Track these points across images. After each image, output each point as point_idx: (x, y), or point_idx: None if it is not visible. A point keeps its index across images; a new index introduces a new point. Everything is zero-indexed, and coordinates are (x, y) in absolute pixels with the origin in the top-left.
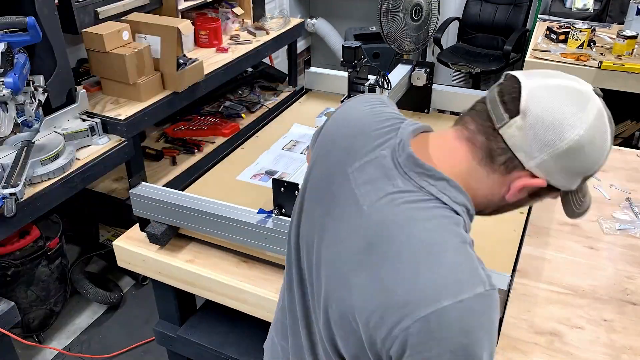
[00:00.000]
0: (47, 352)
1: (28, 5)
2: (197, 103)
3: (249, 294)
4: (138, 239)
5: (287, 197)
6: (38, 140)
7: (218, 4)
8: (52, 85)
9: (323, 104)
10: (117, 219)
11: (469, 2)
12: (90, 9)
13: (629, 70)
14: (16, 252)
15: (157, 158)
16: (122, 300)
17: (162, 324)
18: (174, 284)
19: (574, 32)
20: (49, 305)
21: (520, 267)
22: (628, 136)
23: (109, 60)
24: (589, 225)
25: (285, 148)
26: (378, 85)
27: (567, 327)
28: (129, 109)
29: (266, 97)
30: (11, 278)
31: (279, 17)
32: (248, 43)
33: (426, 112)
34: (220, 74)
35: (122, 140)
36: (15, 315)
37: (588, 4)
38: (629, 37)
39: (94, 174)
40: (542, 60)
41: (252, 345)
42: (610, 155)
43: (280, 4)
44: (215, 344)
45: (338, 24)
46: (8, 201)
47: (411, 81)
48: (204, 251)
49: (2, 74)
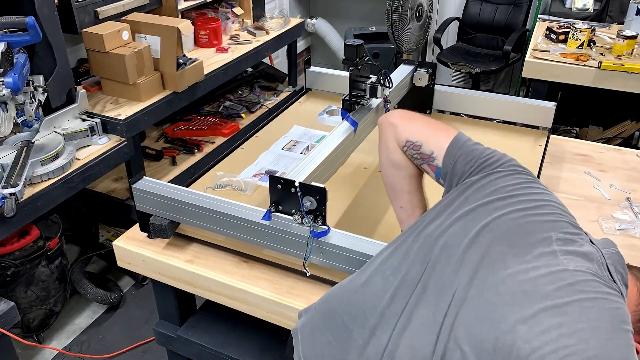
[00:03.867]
0: (46, 352)
1: (28, 5)
2: (197, 103)
3: (249, 294)
4: (138, 239)
5: (284, 194)
6: (38, 140)
7: (218, 4)
8: (52, 85)
9: (323, 103)
10: (117, 219)
11: (469, 2)
12: (90, 9)
13: (629, 70)
14: (16, 252)
15: (157, 158)
16: (122, 300)
17: (162, 324)
18: (173, 284)
19: (573, 32)
20: (48, 305)
21: None
22: (628, 136)
23: (108, 60)
24: (588, 225)
25: (285, 148)
26: (379, 84)
27: None
28: (128, 109)
29: (266, 97)
30: (11, 278)
31: (279, 17)
32: (248, 43)
33: (428, 113)
34: (220, 74)
35: (122, 140)
36: (15, 315)
37: (588, 4)
38: (628, 37)
39: (94, 174)
40: (542, 60)
41: (252, 345)
42: (610, 155)
43: (280, 4)
44: (215, 344)
45: (338, 24)
46: (8, 201)
47: (413, 81)
48: (204, 251)
49: (2, 74)
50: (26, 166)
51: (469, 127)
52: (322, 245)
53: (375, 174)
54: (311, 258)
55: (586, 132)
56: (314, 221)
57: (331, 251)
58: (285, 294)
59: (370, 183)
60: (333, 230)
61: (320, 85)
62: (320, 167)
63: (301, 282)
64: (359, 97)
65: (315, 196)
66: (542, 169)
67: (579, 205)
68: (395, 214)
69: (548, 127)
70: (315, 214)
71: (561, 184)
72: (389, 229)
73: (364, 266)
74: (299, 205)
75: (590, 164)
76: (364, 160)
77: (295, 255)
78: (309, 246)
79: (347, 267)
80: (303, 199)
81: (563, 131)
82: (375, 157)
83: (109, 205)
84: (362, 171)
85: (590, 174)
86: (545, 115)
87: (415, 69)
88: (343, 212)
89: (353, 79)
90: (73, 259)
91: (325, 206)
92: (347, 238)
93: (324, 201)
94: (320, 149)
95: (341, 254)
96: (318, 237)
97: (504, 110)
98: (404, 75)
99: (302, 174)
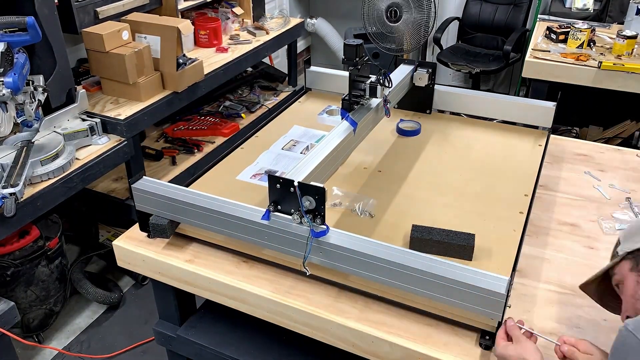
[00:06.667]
0: (46, 352)
1: (28, 5)
2: (197, 103)
3: (249, 294)
4: (138, 238)
5: (283, 193)
6: (38, 140)
7: (218, 3)
8: (52, 85)
9: (323, 103)
10: (116, 219)
11: (469, 2)
12: (90, 9)
13: (629, 70)
14: (16, 252)
15: (157, 158)
16: (121, 300)
17: (161, 323)
18: (173, 283)
19: (573, 32)
20: (48, 305)
21: (520, 267)
22: (628, 136)
23: (108, 60)
24: (588, 225)
25: (285, 148)
26: (379, 84)
27: (567, 327)
28: (128, 109)
29: (266, 97)
30: (11, 278)
31: (279, 17)
32: (248, 43)
33: (428, 113)
34: (220, 74)
35: (121, 140)
36: (14, 315)
37: (588, 4)
38: (628, 37)
39: (94, 174)
40: (542, 60)
41: (252, 345)
42: (610, 155)
43: (280, 4)
44: (215, 344)
45: (338, 24)
46: (8, 201)
47: (413, 81)
48: (203, 251)
49: (2, 74)
50: (26, 166)
51: (469, 127)
52: (321, 244)
53: (375, 173)
54: (311, 257)
55: (586, 132)
56: (313, 221)
57: (331, 251)
58: (285, 293)
59: (370, 183)
60: (332, 230)
61: (320, 85)
62: (319, 167)
63: (301, 282)
64: (358, 97)
65: (314, 196)
66: (542, 168)
67: (579, 205)
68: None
69: (548, 127)
70: (314, 213)
71: (561, 183)
72: (389, 229)
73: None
74: (298, 205)
75: (590, 164)
76: (364, 160)
77: (295, 254)
78: (308, 245)
79: (346, 266)
80: (302, 198)
81: (563, 131)
82: (374, 157)
83: (109, 205)
84: (362, 171)
85: (590, 174)
86: (545, 115)
87: (415, 68)
88: (342, 211)
89: (353, 79)
90: (73, 259)
91: (324, 206)
92: (346, 237)
93: (323, 201)
94: (320, 148)
95: (341, 254)
96: (317, 237)
97: (504, 110)
98: (404, 75)
99: (301, 174)
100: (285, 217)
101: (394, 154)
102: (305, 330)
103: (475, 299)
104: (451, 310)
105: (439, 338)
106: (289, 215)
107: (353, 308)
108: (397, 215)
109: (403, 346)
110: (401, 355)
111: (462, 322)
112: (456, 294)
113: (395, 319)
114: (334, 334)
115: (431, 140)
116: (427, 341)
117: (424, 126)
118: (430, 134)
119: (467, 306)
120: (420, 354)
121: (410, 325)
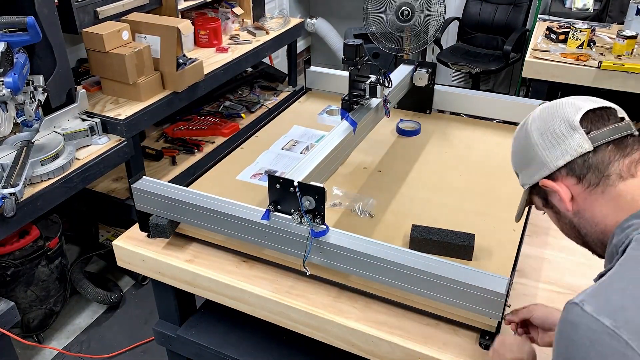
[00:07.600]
0: (46, 352)
1: (28, 5)
2: (197, 103)
3: (249, 294)
4: (138, 238)
5: (283, 193)
6: (38, 140)
7: (218, 3)
8: (52, 85)
9: (323, 103)
10: (116, 219)
11: (469, 2)
12: (90, 9)
13: (629, 70)
14: (16, 252)
15: (157, 158)
16: (121, 300)
17: (161, 323)
18: (173, 283)
19: (573, 32)
20: (48, 305)
21: (519, 267)
22: None
23: (108, 60)
24: None
25: (285, 148)
26: (379, 84)
27: None
28: (128, 109)
29: (266, 97)
30: (11, 278)
31: (279, 17)
32: (248, 43)
33: (428, 113)
34: (220, 74)
35: (121, 140)
36: (14, 315)
37: (588, 4)
38: (628, 37)
39: (94, 174)
40: (542, 60)
41: (252, 345)
42: None
43: (280, 4)
44: (215, 344)
45: (338, 24)
46: (8, 201)
47: (413, 81)
48: (203, 251)
49: (2, 74)
50: (26, 166)
51: (469, 127)
52: (321, 244)
53: (375, 173)
54: (311, 257)
55: None
56: (313, 220)
57: (331, 251)
58: (285, 293)
59: (370, 183)
60: (332, 230)
61: (320, 85)
62: (319, 167)
63: (301, 281)
64: (358, 97)
65: (314, 196)
66: None
67: None
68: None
69: None
70: (314, 213)
71: None
72: (389, 229)
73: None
74: (298, 205)
75: None
76: (364, 160)
77: (295, 254)
78: (308, 245)
79: (346, 266)
80: (302, 198)
81: None
82: (374, 157)
83: (108, 205)
84: (362, 171)
85: None
86: None
87: (415, 68)
88: (342, 211)
89: (353, 79)
90: (73, 259)
91: (324, 206)
92: (346, 237)
93: (323, 201)
94: (319, 148)
95: (341, 254)
96: (317, 237)
97: (504, 110)
98: (404, 75)
99: (301, 174)
100: (285, 217)
101: (393, 154)
102: (305, 330)
103: (475, 299)
104: (451, 310)
105: (439, 338)
106: (289, 215)
107: (353, 308)
108: (397, 215)
109: (403, 346)
110: (401, 355)
111: (462, 322)
112: (456, 294)
113: (395, 319)
114: (334, 334)
115: (431, 140)
116: (427, 341)
117: (424, 126)
118: (430, 134)
119: (467, 306)
120: (420, 354)
121: (410, 325)
